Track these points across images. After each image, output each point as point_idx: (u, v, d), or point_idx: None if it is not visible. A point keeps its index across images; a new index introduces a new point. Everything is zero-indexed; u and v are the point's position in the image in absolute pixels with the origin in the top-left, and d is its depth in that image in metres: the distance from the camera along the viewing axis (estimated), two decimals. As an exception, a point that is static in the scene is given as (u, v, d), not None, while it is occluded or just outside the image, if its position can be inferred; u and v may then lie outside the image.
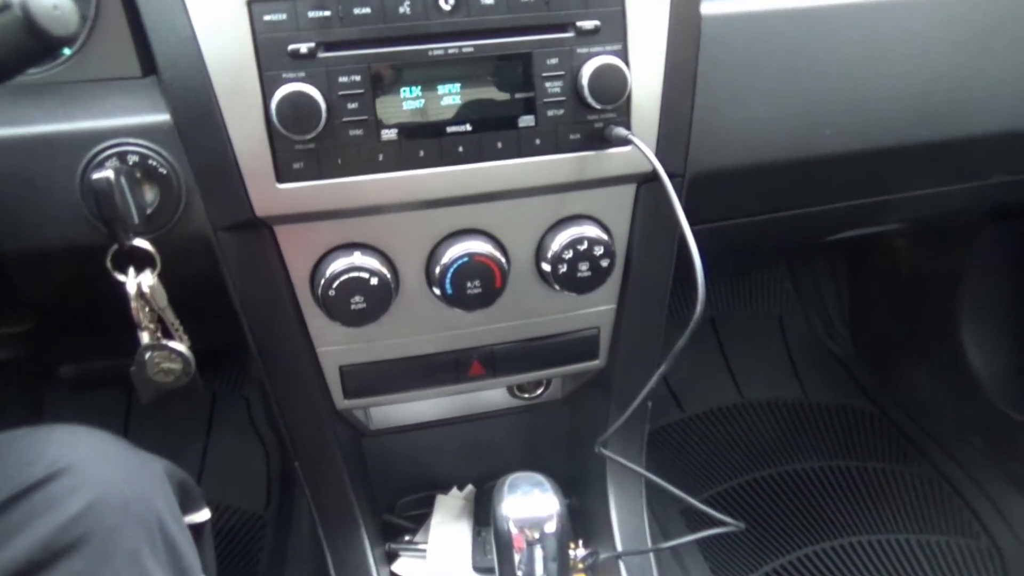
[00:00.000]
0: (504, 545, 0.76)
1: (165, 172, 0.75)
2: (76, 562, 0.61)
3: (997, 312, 1.69)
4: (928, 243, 1.75)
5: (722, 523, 0.84)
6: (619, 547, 1.00)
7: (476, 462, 1.19)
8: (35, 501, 0.63)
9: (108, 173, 0.69)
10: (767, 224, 1.05)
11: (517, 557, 0.76)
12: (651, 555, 1.00)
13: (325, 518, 1.00)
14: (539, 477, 0.80)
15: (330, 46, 0.74)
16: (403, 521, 1.16)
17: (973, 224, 1.62)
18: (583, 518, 1.12)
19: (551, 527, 0.76)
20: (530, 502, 0.77)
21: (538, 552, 0.76)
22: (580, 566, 1.01)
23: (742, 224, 1.02)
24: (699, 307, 0.71)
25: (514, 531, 0.76)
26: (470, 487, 1.20)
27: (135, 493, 0.67)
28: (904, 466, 1.68)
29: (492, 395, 1.12)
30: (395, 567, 1.08)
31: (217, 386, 1.77)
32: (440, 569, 1.07)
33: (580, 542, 1.08)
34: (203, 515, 0.80)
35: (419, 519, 1.16)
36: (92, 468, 0.65)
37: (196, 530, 0.77)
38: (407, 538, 1.13)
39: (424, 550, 1.09)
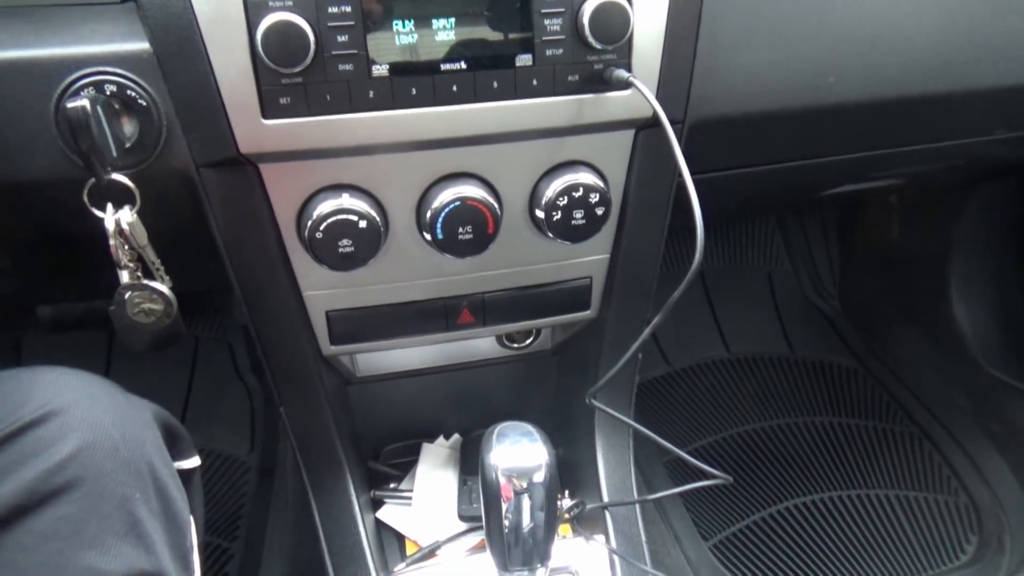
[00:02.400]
0: (492, 495, 0.75)
1: (144, 104, 0.72)
2: (65, 506, 0.60)
3: (986, 273, 1.69)
4: (920, 202, 1.74)
5: (709, 475, 0.83)
6: (606, 498, 1.00)
7: (463, 411, 1.18)
8: (23, 444, 0.60)
9: (84, 102, 0.66)
10: (765, 176, 1.03)
11: (504, 506, 0.75)
12: (637, 506, 1.00)
13: (310, 465, 0.99)
14: (528, 427, 0.79)
15: (319, -27, 0.70)
16: (389, 469, 1.15)
17: (965, 184, 1.61)
18: (570, 469, 1.11)
19: (539, 477, 0.75)
20: (519, 451, 0.76)
21: (525, 502, 0.76)
22: (567, 516, 1.01)
23: (740, 175, 0.99)
24: (698, 256, 0.69)
25: (502, 480, 0.75)
26: (456, 436, 1.19)
27: (125, 437, 0.65)
28: (887, 423, 1.70)
29: (480, 344, 1.10)
30: (380, 514, 1.08)
31: (200, 332, 1.75)
32: (425, 517, 1.06)
33: (567, 492, 1.08)
34: (193, 462, 0.78)
35: (405, 467, 1.15)
36: (82, 411, 0.63)
37: (185, 476, 0.75)
38: (392, 485, 1.12)
39: (409, 498, 1.09)
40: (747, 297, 1.99)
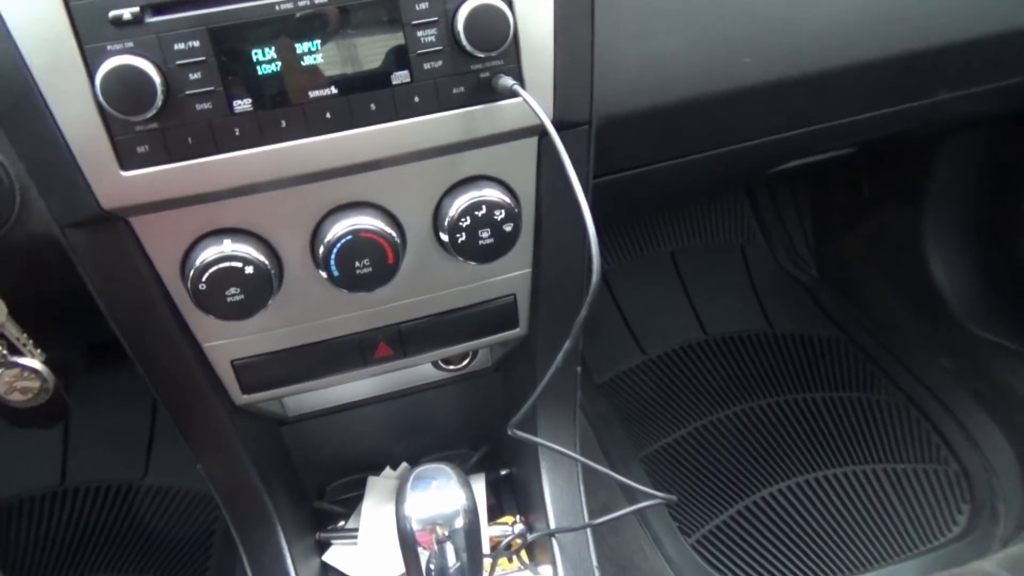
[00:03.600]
0: (409, 547, 0.70)
1: (-8, 169, 0.66)
2: None
3: (961, 228, 1.63)
4: (888, 162, 1.68)
5: (652, 495, 0.78)
6: (552, 523, 0.95)
7: (409, 438, 1.13)
8: None
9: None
10: (697, 164, 0.97)
11: (425, 555, 0.71)
12: (588, 530, 0.95)
13: (238, 522, 0.94)
14: (446, 469, 0.74)
15: (159, 8, 0.64)
16: (335, 507, 1.10)
17: (932, 140, 1.54)
18: (523, 488, 1.07)
19: (459, 523, 0.70)
20: (434, 499, 0.71)
21: (449, 547, 0.71)
22: (517, 543, 0.96)
23: (665, 168, 0.94)
24: (595, 276, 0.64)
25: (418, 530, 0.70)
26: (404, 465, 1.14)
27: None
28: (871, 393, 1.64)
29: (419, 368, 1.05)
30: (326, 557, 1.03)
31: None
32: (373, 556, 1.02)
33: (518, 517, 1.03)
34: None
35: (353, 503, 1.10)
36: None
37: None
38: (341, 524, 1.07)
39: (356, 537, 1.04)
40: (721, 274, 1.93)
